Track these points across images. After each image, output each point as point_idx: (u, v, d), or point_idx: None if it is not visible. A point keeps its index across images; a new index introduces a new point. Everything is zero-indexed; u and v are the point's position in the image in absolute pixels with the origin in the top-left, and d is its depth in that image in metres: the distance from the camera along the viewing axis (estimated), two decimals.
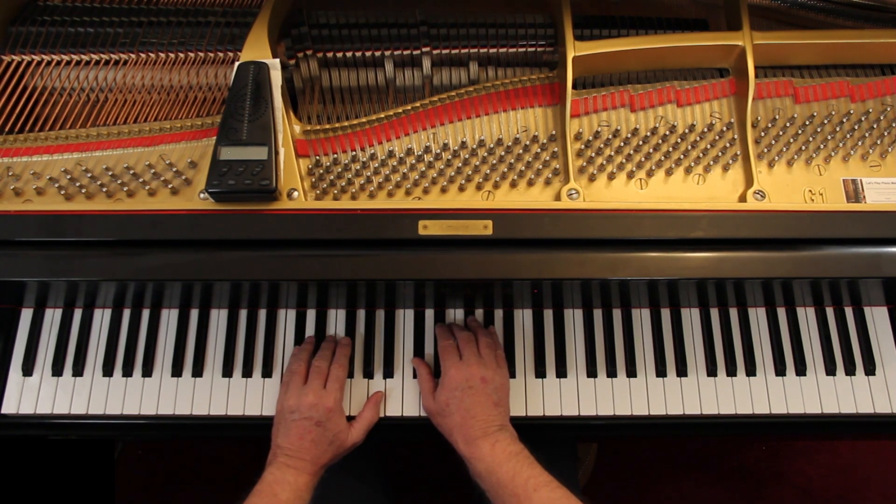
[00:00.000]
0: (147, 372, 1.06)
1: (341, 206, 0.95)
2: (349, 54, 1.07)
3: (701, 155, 1.03)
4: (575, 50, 1.01)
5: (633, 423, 1.06)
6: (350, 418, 1.01)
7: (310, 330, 1.09)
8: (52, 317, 1.09)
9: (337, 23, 1.08)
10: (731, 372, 1.06)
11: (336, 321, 1.10)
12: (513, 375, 1.06)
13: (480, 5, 1.14)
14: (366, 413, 1.01)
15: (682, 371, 1.06)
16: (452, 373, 0.96)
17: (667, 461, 1.87)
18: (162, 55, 1.06)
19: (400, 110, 1.03)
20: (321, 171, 1.00)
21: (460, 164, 1.02)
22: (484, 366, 0.97)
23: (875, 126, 1.05)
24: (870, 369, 1.06)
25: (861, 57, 1.08)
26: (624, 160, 1.02)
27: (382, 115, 1.03)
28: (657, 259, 0.94)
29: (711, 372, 1.06)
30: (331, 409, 0.95)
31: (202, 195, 0.96)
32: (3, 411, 1.04)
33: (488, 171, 1.01)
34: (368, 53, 1.07)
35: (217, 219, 0.94)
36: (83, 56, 1.06)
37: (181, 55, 1.07)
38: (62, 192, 0.97)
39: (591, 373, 1.06)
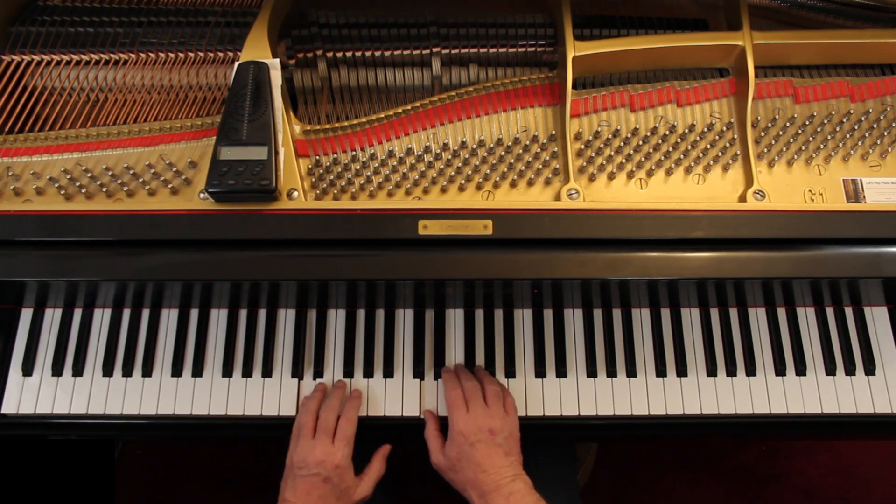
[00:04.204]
0: (147, 372, 1.06)
1: (341, 206, 0.95)
2: (349, 54, 1.07)
3: (701, 155, 1.03)
4: (575, 50, 1.01)
5: (633, 423, 1.06)
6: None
7: (310, 330, 1.09)
8: (52, 317, 1.09)
9: (336, 23, 1.08)
10: (731, 372, 1.06)
11: (336, 321, 1.10)
12: (513, 375, 1.06)
13: (480, 5, 1.15)
14: (374, 466, 1.00)
15: (682, 371, 1.06)
16: (460, 426, 0.94)
17: (667, 461, 1.87)
18: (162, 55, 1.06)
19: (400, 110, 1.03)
20: (321, 171, 1.00)
21: (460, 164, 1.02)
22: (491, 416, 0.95)
23: (875, 126, 1.05)
24: (870, 369, 1.06)
25: (861, 57, 1.08)
26: (624, 160, 1.02)
27: (382, 115, 1.03)
28: (657, 259, 0.94)
29: (711, 372, 1.06)
30: (338, 465, 0.93)
31: (202, 195, 0.96)
32: (3, 411, 1.04)
33: (488, 171, 1.01)
34: (368, 53, 1.07)
35: (217, 219, 0.94)
36: (83, 56, 1.06)
37: (181, 55, 1.07)
38: (62, 192, 0.97)
39: (591, 373, 1.06)
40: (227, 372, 1.06)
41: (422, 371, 1.06)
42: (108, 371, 1.06)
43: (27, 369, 1.06)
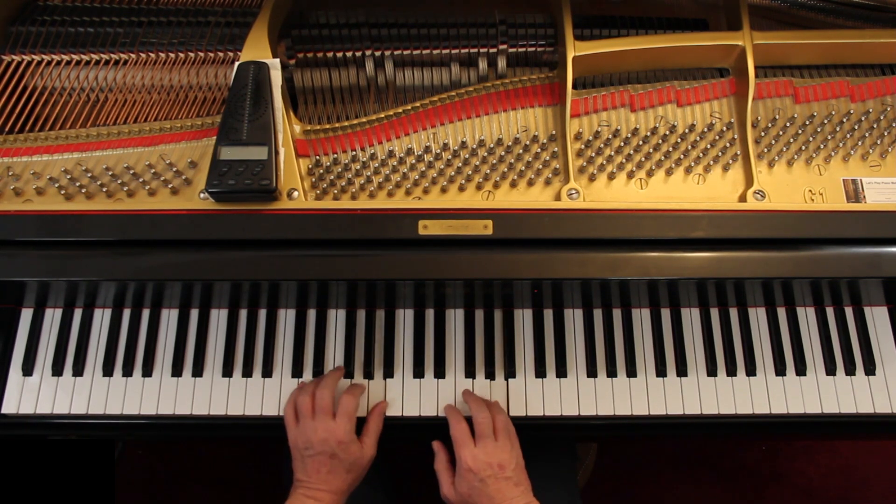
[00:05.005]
0: (147, 372, 1.06)
1: (341, 206, 0.95)
2: (349, 54, 1.07)
3: (701, 155, 1.03)
4: (575, 50, 1.01)
5: (633, 423, 1.06)
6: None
7: (310, 330, 1.09)
8: (52, 317, 1.09)
9: (337, 23, 1.08)
10: (731, 372, 1.06)
11: (336, 321, 1.10)
12: (513, 375, 1.06)
13: (480, 5, 1.14)
14: (371, 425, 1.01)
15: (682, 371, 1.06)
16: (469, 463, 0.93)
17: (667, 461, 1.87)
18: (162, 55, 1.06)
19: (400, 110, 1.04)
20: (321, 171, 1.00)
21: (460, 164, 1.02)
22: (500, 450, 0.94)
23: (875, 126, 1.05)
24: (870, 369, 1.06)
25: (861, 57, 1.08)
26: (624, 160, 1.02)
27: (382, 115, 1.03)
28: (657, 259, 0.94)
29: (711, 372, 1.06)
30: (342, 440, 0.95)
31: (202, 195, 0.96)
32: (3, 411, 1.04)
33: (488, 170, 1.01)
34: (368, 52, 1.07)
35: (217, 219, 0.94)
36: (83, 56, 1.06)
37: (181, 55, 1.07)
38: (62, 192, 0.97)
39: (591, 373, 1.06)
40: (228, 372, 1.06)
41: (422, 371, 1.06)
42: (108, 371, 1.06)
43: (27, 369, 1.06)
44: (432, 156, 1.02)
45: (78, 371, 1.06)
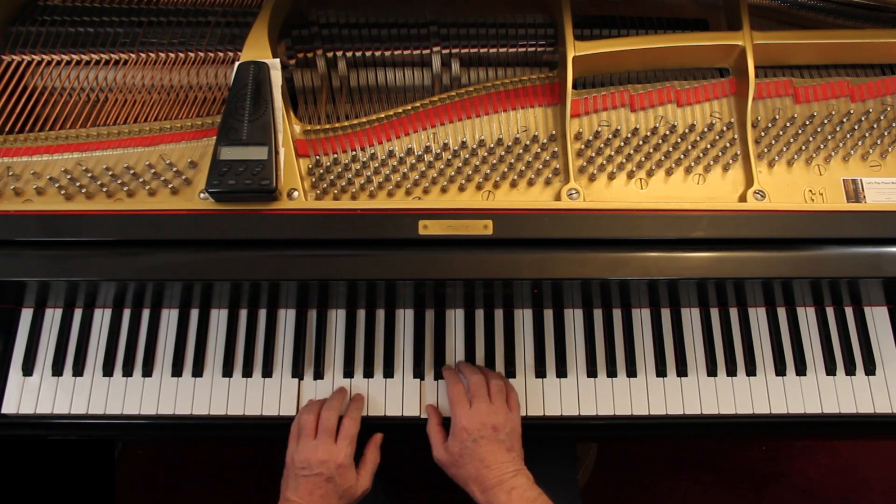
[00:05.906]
0: (147, 372, 1.06)
1: (341, 206, 0.95)
2: (349, 54, 1.07)
3: (701, 155, 1.03)
4: (575, 50, 1.01)
5: (633, 423, 1.06)
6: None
7: (310, 330, 1.09)
8: (53, 317, 1.09)
9: (337, 22, 1.08)
10: (732, 372, 1.06)
11: (336, 321, 1.10)
12: (513, 375, 1.06)
13: (480, 5, 1.15)
14: (369, 458, 1.00)
15: (682, 371, 1.06)
16: (463, 422, 0.94)
17: (667, 461, 1.87)
18: (162, 55, 1.06)
19: (400, 110, 1.04)
20: (321, 171, 1.00)
21: (460, 164, 1.02)
22: (494, 412, 0.95)
23: (875, 126, 1.05)
24: (870, 369, 1.06)
25: (861, 57, 1.08)
26: (624, 160, 1.02)
27: (382, 115, 1.03)
28: (657, 259, 0.94)
29: (711, 372, 1.06)
30: (341, 464, 0.94)
31: (202, 195, 0.96)
32: (3, 411, 1.04)
33: (488, 170, 1.01)
34: (368, 53, 1.07)
35: (217, 219, 0.94)
36: (83, 56, 1.06)
37: (181, 55, 1.07)
38: (62, 192, 0.98)
39: (592, 373, 1.06)
40: (228, 372, 1.06)
41: (422, 371, 1.06)
42: (108, 371, 1.06)
43: (27, 369, 1.06)
44: (432, 156, 1.02)
45: (78, 371, 1.06)
